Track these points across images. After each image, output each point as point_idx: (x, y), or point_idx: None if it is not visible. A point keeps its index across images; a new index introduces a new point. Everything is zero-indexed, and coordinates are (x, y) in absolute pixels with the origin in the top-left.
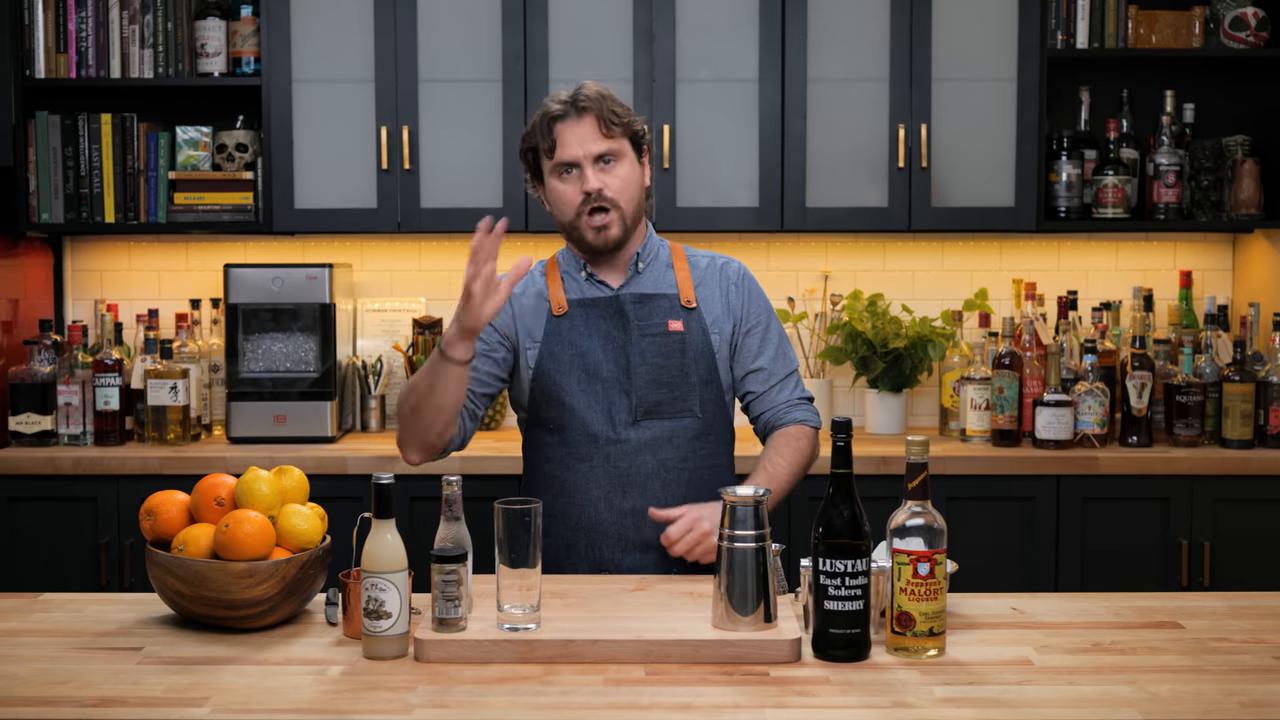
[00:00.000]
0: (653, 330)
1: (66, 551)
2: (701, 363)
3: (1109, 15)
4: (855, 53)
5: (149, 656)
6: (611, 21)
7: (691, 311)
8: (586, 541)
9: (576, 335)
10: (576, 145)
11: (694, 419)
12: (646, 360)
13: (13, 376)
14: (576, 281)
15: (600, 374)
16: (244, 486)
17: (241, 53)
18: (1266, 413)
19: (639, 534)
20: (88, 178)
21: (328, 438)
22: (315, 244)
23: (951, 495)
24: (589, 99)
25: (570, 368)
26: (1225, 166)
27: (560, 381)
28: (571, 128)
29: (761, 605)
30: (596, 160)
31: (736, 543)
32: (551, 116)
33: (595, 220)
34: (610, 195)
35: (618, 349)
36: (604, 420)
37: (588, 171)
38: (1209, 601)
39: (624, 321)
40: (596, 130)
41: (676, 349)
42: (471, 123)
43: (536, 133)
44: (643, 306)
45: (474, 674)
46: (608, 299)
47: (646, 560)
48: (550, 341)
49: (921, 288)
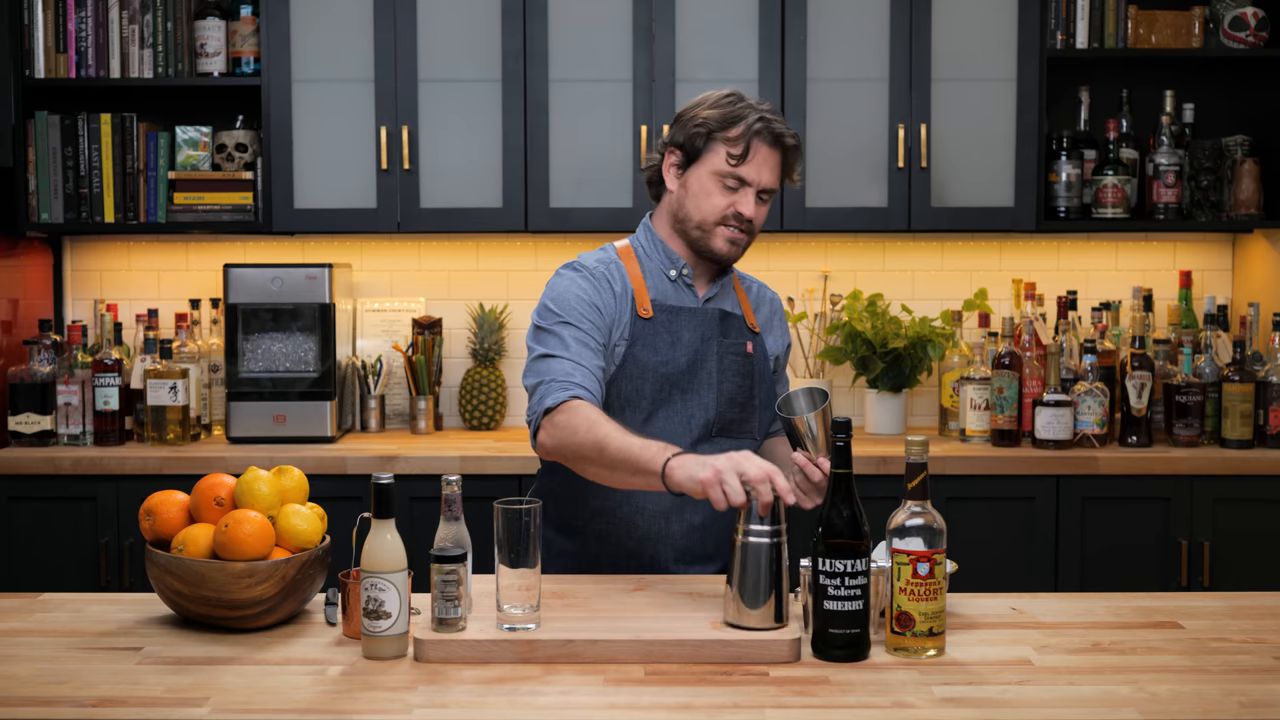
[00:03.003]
0: (734, 349)
1: (66, 551)
2: (762, 386)
3: (1109, 15)
4: (855, 53)
5: (149, 656)
6: (611, 21)
7: (755, 336)
8: (652, 553)
9: (661, 342)
10: (762, 173)
11: (752, 440)
12: (728, 377)
13: (12, 376)
14: (663, 281)
15: (681, 385)
16: (244, 486)
17: (241, 53)
18: (1266, 413)
19: (703, 547)
20: (87, 178)
21: (327, 438)
22: (315, 244)
23: (951, 495)
24: (795, 141)
25: (652, 374)
26: (1225, 166)
27: (641, 387)
28: (767, 153)
29: (773, 600)
30: (762, 192)
31: (752, 537)
32: (759, 131)
33: (733, 234)
34: (756, 226)
35: (700, 362)
36: (681, 431)
37: (750, 197)
38: (1209, 601)
39: (711, 336)
40: (779, 169)
41: (748, 370)
42: (471, 123)
43: (729, 125)
44: (727, 323)
45: (473, 674)
46: (695, 310)
47: (707, 570)
48: (636, 344)
49: (921, 288)
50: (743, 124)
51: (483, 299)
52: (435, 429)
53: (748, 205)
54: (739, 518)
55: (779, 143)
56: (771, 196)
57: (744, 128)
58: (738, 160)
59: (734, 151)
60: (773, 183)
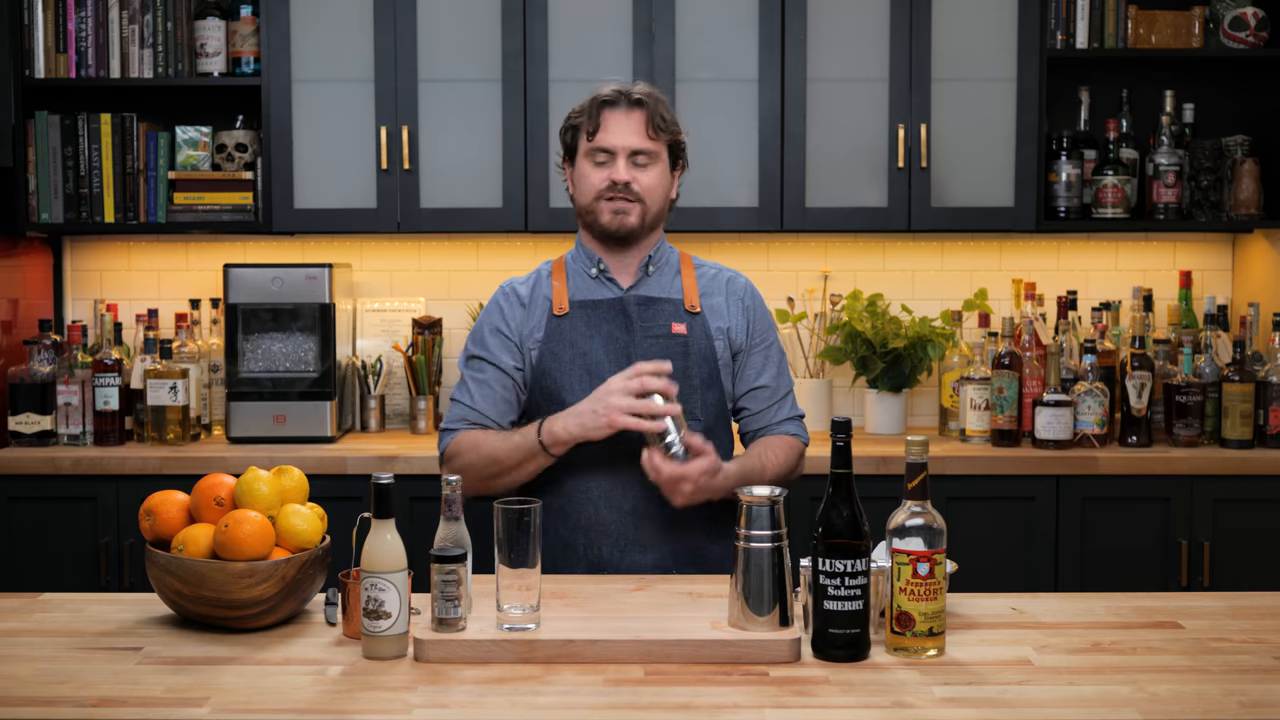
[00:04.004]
0: (656, 332)
1: (66, 551)
2: (704, 366)
3: (1109, 15)
4: (855, 53)
5: (149, 656)
6: (611, 21)
7: (695, 316)
8: (585, 540)
9: (577, 335)
10: (619, 135)
11: (695, 421)
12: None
13: (12, 376)
14: (585, 280)
15: (602, 374)
16: (243, 486)
17: (241, 53)
18: (1266, 413)
19: (638, 533)
20: (87, 178)
21: (327, 438)
22: (315, 244)
23: (951, 495)
24: (644, 95)
25: (571, 367)
26: (1225, 166)
27: (561, 381)
28: (620, 118)
29: (777, 606)
30: (633, 155)
31: (753, 543)
32: (603, 101)
33: (615, 205)
34: (637, 190)
35: (620, 350)
36: None
37: (620, 163)
38: (1209, 601)
39: (628, 323)
40: (642, 128)
41: (679, 351)
42: (471, 123)
43: (583, 113)
44: (647, 309)
45: (473, 674)
46: (611, 300)
47: (645, 560)
48: (551, 341)
49: (921, 288)
50: (590, 107)
51: (483, 299)
52: (435, 429)
53: (619, 171)
54: (738, 522)
55: (628, 100)
56: (654, 158)
57: (589, 103)
58: (594, 133)
59: (589, 129)
60: (640, 143)
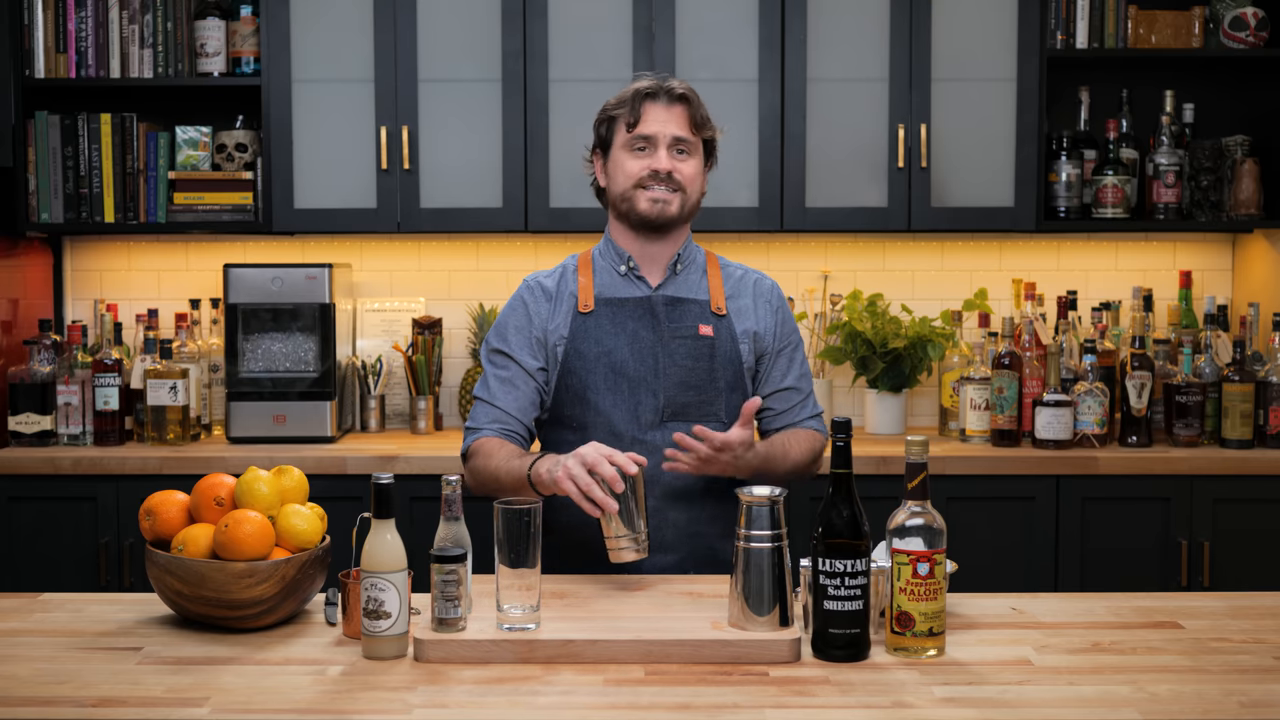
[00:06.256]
0: (683, 333)
1: (66, 551)
2: (729, 369)
3: (1109, 15)
4: (855, 53)
5: (149, 656)
6: (611, 21)
7: (722, 318)
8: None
9: (603, 334)
10: (660, 125)
11: (719, 424)
12: (676, 362)
13: (12, 376)
14: (613, 277)
15: (627, 373)
16: (243, 486)
17: (241, 53)
18: (1266, 413)
19: (659, 535)
20: (87, 178)
21: (327, 438)
22: (315, 244)
23: (951, 495)
24: (686, 91)
25: (596, 365)
26: (1225, 166)
27: (587, 380)
28: (661, 110)
29: (777, 606)
30: (674, 144)
31: (753, 543)
32: (645, 93)
33: (655, 193)
34: (679, 179)
35: (646, 349)
36: (629, 420)
37: (662, 152)
38: (1209, 601)
39: (655, 323)
40: (685, 120)
41: (706, 353)
42: (471, 123)
43: (622, 104)
44: (674, 309)
45: (473, 674)
46: (638, 299)
47: (665, 560)
48: (576, 339)
49: (921, 288)
50: (630, 93)
51: (483, 299)
52: (435, 429)
53: (660, 160)
54: (738, 522)
55: (669, 95)
56: (693, 150)
57: (631, 94)
58: (634, 124)
59: (629, 120)
60: (682, 131)
